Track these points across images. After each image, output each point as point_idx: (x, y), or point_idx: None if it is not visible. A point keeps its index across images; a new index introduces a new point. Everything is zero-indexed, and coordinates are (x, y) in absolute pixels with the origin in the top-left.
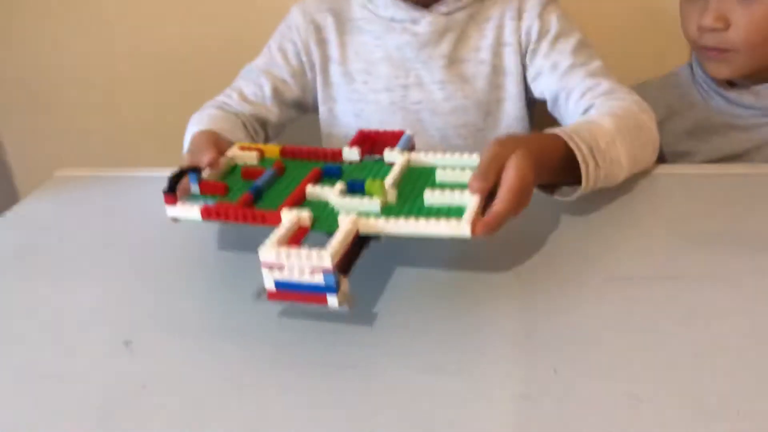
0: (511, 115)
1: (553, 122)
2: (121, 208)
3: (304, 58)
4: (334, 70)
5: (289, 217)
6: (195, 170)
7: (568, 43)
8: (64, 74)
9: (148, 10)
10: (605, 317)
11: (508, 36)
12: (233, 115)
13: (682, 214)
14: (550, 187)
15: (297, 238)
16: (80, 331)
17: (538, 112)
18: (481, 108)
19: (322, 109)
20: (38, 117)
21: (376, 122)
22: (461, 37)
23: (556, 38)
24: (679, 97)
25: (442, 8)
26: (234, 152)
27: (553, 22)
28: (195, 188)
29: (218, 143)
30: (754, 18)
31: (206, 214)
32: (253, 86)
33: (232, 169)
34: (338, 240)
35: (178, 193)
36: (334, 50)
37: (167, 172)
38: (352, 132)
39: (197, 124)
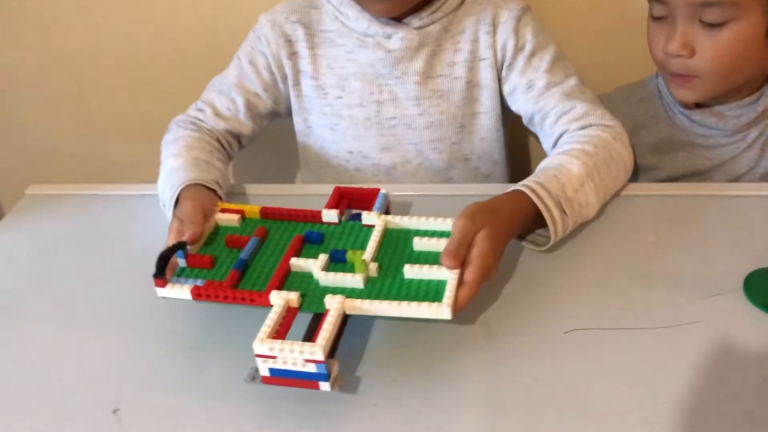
0: (486, 128)
1: (527, 133)
2: (99, 233)
3: (275, 71)
4: (307, 83)
5: (277, 301)
6: (181, 246)
7: (544, 60)
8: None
9: (113, 18)
10: (572, 365)
11: (483, 51)
12: (208, 136)
13: (635, 246)
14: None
15: (287, 321)
16: (64, 396)
17: (512, 123)
18: (456, 122)
19: (297, 119)
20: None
21: (351, 136)
22: (436, 51)
23: (532, 54)
24: (645, 112)
25: (415, 22)
26: (216, 215)
27: (529, 37)
28: (182, 262)
29: (206, 210)
30: (718, 46)
31: (197, 295)
32: (225, 101)
33: (215, 231)
34: (328, 330)
35: (166, 272)
36: (305, 64)
37: (140, 190)
38: (328, 144)
39: (174, 157)
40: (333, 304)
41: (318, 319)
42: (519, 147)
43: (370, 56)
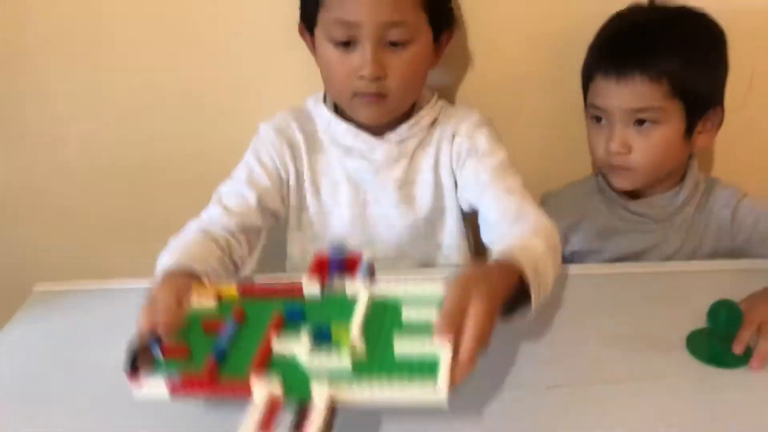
0: (452, 224)
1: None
2: (107, 331)
3: (281, 172)
4: (305, 183)
5: (260, 391)
6: (155, 338)
7: (491, 161)
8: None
9: (105, 111)
10: (545, 424)
11: (444, 156)
12: (211, 241)
13: (594, 315)
14: None
15: (272, 413)
16: None
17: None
18: (428, 221)
19: (291, 215)
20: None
21: (338, 232)
22: (411, 162)
23: (483, 155)
24: (587, 205)
25: (394, 137)
26: (193, 299)
27: (482, 141)
28: (157, 353)
29: (180, 295)
30: (650, 144)
31: (174, 392)
32: (237, 198)
33: (192, 319)
34: (317, 426)
35: (140, 366)
36: (304, 166)
37: (144, 283)
38: (316, 239)
39: (169, 254)
40: (319, 397)
41: (304, 409)
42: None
43: (356, 164)
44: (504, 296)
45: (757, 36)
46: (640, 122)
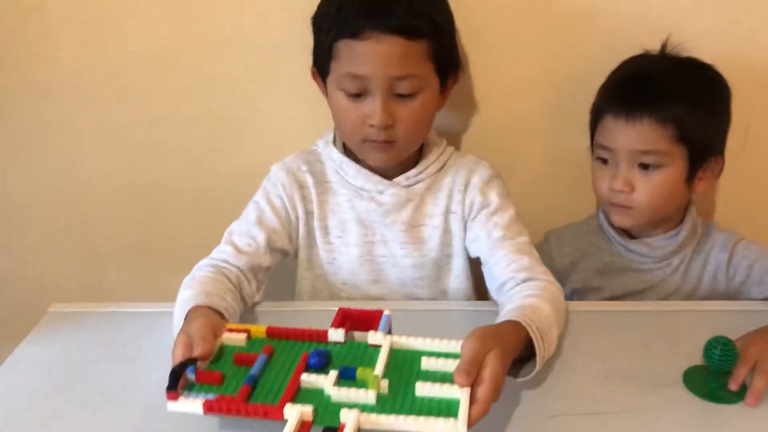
0: (458, 269)
1: None
2: (120, 351)
3: (290, 211)
4: (314, 224)
5: (292, 413)
6: (192, 362)
7: (503, 218)
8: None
9: (123, 144)
10: None
11: (455, 205)
12: (225, 278)
13: (594, 350)
14: None
15: None
16: None
17: (477, 265)
18: (435, 264)
19: (301, 255)
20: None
21: (347, 271)
22: (419, 205)
23: (494, 212)
24: (590, 243)
25: (403, 181)
26: (223, 335)
27: (493, 197)
28: (191, 377)
29: (215, 329)
30: (653, 185)
31: (208, 409)
32: (246, 238)
33: (221, 351)
34: None
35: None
36: (314, 206)
37: (153, 307)
38: (325, 275)
39: (187, 289)
40: (349, 418)
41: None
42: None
43: (365, 206)
44: (514, 355)
45: (756, 91)
46: (645, 166)
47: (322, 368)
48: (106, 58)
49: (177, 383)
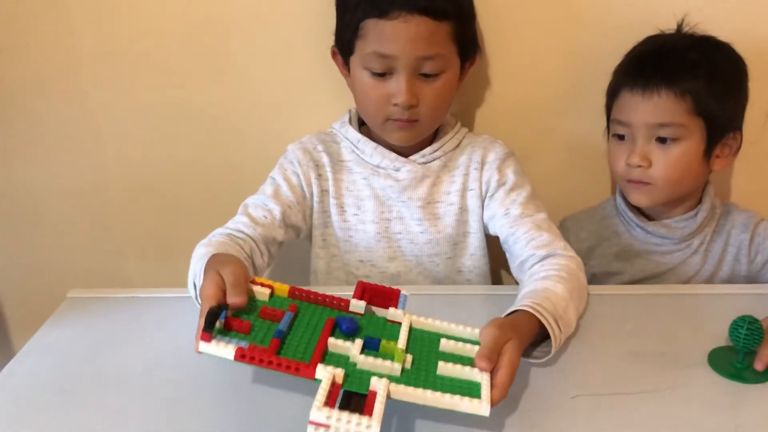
0: (474, 246)
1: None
2: (139, 335)
3: (305, 189)
4: (329, 202)
5: (325, 374)
6: (224, 307)
7: (521, 195)
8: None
9: (142, 130)
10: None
11: (472, 182)
12: (239, 246)
13: (617, 332)
14: None
15: (333, 395)
16: None
17: (493, 243)
18: (450, 240)
19: (315, 233)
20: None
21: (363, 248)
22: (435, 182)
23: (511, 189)
24: (607, 227)
25: (420, 158)
26: (252, 286)
27: (510, 175)
28: (220, 323)
29: (246, 277)
30: (670, 159)
31: (240, 356)
32: (262, 211)
33: (250, 302)
34: (379, 407)
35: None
36: (329, 185)
37: (170, 293)
38: (341, 254)
39: (205, 246)
40: (380, 386)
41: (348, 397)
42: (503, 265)
43: (382, 183)
44: (528, 343)
45: None
46: (662, 140)
47: (351, 335)
48: (123, 41)
49: (213, 324)
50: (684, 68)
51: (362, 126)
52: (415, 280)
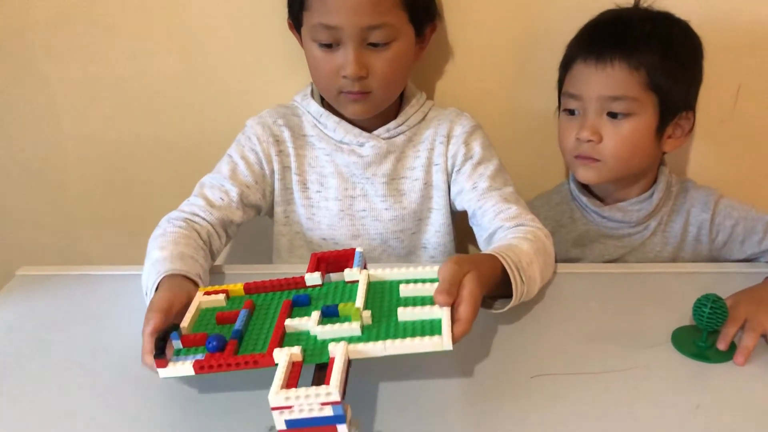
0: (439, 223)
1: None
2: (90, 313)
3: (265, 166)
4: (291, 178)
5: (282, 357)
6: (175, 328)
7: (488, 168)
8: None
9: (99, 102)
10: (528, 412)
11: (438, 157)
12: (196, 234)
13: (580, 311)
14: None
15: (294, 375)
16: None
17: (459, 219)
18: (415, 216)
19: (278, 210)
20: None
21: (326, 226)
22: (400, 157)
23: (479, 162)
24: (562, 213)
25: (384, 133)
26: (200, 299)
27: (476, 149)
28: (177, 343)
29: (176, 301)
30: (621, 134)
31: (199, 368)
32: (218, 192)
33: (203, 314)
34: (338, 371)
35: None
36: (291, 161)
37: (124, 270)
38: (304, 231)
39: (160, 249)
40: (337, 350)
41: (321, 369)
42: (469, 240)
43: (345, 159)
44: (488, 281)
45: (744, 53)
46: (614, 116)
47: (305, 307)
48: (80, 9)
49: (163, 351)
50: (639, 40)
51: (325, 100)
52: (379, 258)
